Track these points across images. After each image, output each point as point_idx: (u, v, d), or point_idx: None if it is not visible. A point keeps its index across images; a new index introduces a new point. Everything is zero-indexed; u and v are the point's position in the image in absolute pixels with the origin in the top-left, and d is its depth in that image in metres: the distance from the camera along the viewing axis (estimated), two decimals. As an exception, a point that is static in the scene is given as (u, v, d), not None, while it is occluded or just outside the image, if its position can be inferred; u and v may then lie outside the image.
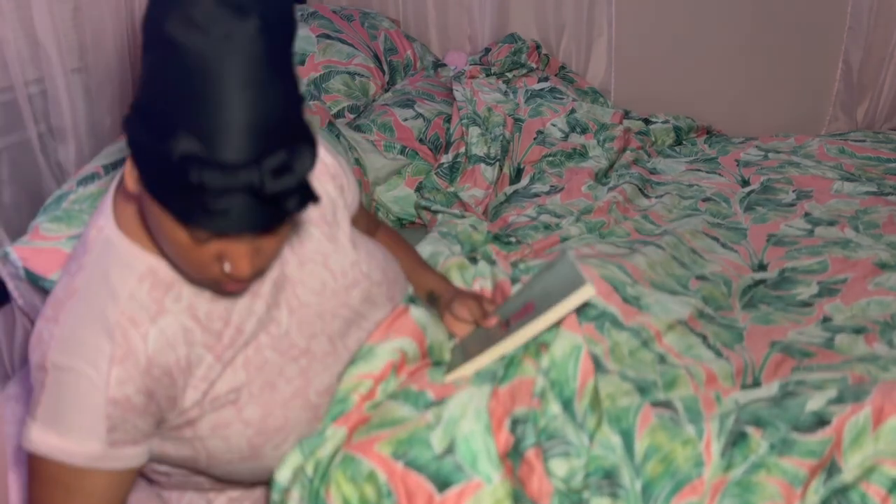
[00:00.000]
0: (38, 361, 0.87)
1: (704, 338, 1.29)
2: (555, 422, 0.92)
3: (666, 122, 2.50)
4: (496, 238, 1.65)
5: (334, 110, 2.22)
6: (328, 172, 1.04)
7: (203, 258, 0.79)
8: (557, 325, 1.02)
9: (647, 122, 2.49)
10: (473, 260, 1.35)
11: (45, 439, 0.85)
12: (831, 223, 1.77)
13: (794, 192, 1.95)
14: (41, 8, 1.53)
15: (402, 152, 2.09)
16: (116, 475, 0.88)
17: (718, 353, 1.24)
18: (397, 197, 2.01)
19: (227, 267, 0.78)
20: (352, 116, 2.24)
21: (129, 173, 0.78)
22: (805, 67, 2.75)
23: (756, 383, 1.17)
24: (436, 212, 1.94)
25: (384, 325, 1.03)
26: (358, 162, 1.93)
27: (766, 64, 2.75)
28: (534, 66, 2.63)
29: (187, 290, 0.89)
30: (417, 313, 1.07)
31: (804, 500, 0.87)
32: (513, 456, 0.92)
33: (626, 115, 2.50)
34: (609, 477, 0.90)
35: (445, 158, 2.13)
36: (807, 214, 1.83)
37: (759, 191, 1.98)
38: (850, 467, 0.87)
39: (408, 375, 1.02)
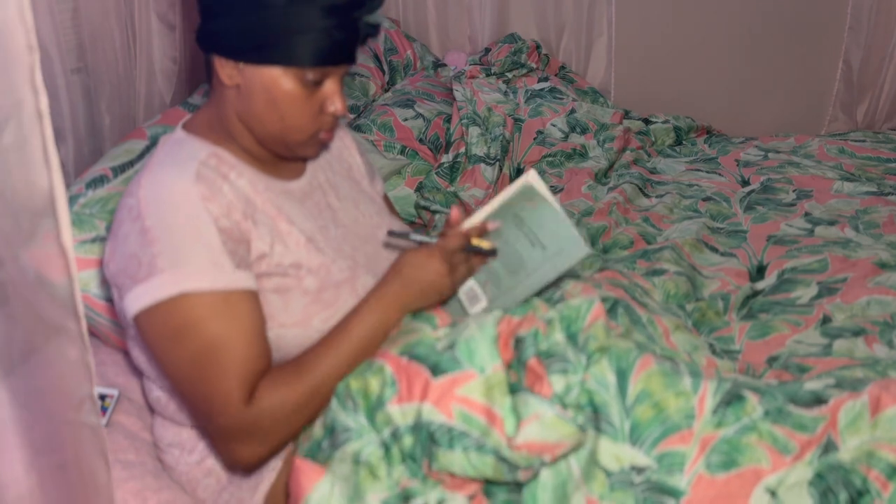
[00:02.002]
0: (135, 227, 0.94)
1: (711, 345, 1.30)
2: (556, 346, 0.94)
3: (666, 122, 2.50)
4: None
5: (334, 110, 2.22)
6: (357, 149, 1.27)
7: (311, 108, 1.00)
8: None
9: (647, 122, 2.49)
10: None
11: (179, 279, 0.92)
12: (831, 223, 1.77)
13: (794, 191, 1.95)
14: (41, 8, 1.52)
15: (402, 152, 2.09)
16: (253, 295, 0.97)
17: (721, 357, 1.25)
18: (397, 197, 2.01)
19: (330, 106, 1.01)
20: (352, 116, 2.24)
21: (223, 69, 0.98)
22: (805, 67, 2.75)
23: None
24: (435, 212, 1.94)
25: None
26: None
27: (766, 64, 2.75)
28: (534, 66, 2.63)
29: (249, 171, 1.03)
30: None
31: (793, 468, 0.88)
32: (516, 367, 0.95)
33: (626, 115, 2.50)
34: (598, 412, 0.91)
35: (445, 158, 2.13)
36: (807, 214, 1.83)
37: (760, 191, 1.98)
38: (849, 447, 0.88)
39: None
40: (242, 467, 1.00)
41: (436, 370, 0.93)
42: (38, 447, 0.83)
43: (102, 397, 1.21)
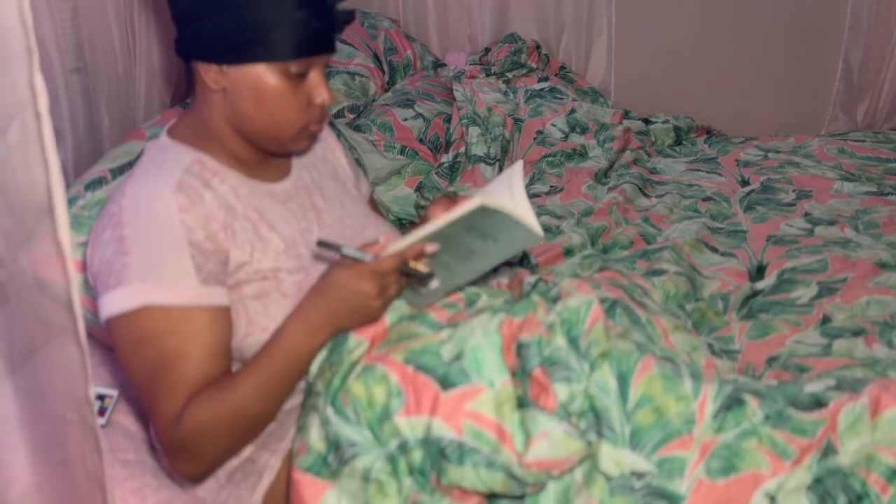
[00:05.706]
0: (114, 234, 0.96)
1: (710, 345, 1.30)
2: (559, 352, 0.94)
3: (666, 122, 2.50)
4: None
5: (334, 110, 2.22)
6: (342, 151, 1.27)
7: (299, 101, 1.00)
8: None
9: (647, 122, 2.49)
10: None
11: (144, 291, 0.93)
12: (831, 223, 1.77)
13: (794, 191, 1.95)
14: (41, 8, 1.52)
15: (402, 152, 2.09)
16: (217, 312, 0.97)
17: (720, 357, 1.25)
18: (397, 197, 2.01)
19: (317, 97, 1.01)
20: (352, 116, 2.24)
21: (208, 74, 0.99)
22: (805, 67, 2.74)
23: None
24: (435, 212, 1.94)
25: None
26: (358, 162, 1.93)
27: (767, 64, 2.75)
28: (534, 66, 2.63)
29: (231, 176, 1.04)
30: None
31: (793, 473, 0.88)
32: (520, 376, 0.94)
33: (626, 115, 2.50)
34: (599, 417, 0.91)
35: (445, 158, 2.13)
36: (807, 214, 1.83)
37: (759, 190, 1.98)
38: (848, 451, 0.88)
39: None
40: (184, 481, 1.01)
41: (444, 383, 0.92)
42: (41, 445, 0.84)
43: (102, 397, 1.21)
